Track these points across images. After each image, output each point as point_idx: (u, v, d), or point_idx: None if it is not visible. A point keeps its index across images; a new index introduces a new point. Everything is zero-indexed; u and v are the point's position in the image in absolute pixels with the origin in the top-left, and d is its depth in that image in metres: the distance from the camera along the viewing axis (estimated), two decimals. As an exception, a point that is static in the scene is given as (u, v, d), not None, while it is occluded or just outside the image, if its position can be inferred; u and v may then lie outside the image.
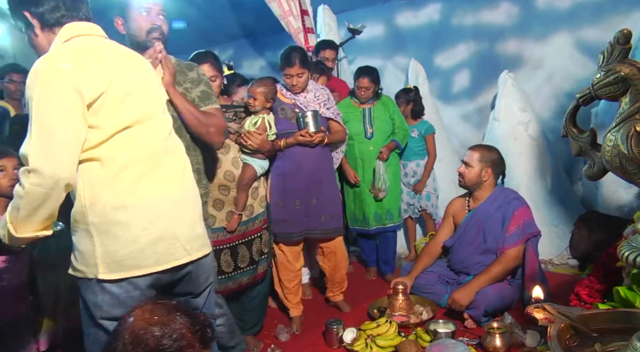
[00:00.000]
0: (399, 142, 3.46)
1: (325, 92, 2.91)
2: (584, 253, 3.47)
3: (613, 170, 1.19)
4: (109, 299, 1.46)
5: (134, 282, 1.47)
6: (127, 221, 1.44)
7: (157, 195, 1.50)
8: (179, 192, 1.57)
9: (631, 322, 1.38)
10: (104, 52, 1.50)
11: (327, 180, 2.89)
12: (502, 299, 2.67)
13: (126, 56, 1.58)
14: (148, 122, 1.53)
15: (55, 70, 1.34)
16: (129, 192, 1.45)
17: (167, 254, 1.51)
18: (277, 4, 3.90)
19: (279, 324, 2.85)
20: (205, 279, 1.69)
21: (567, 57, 4.02)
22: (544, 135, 3.97)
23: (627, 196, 3.55)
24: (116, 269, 1.45)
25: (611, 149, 1.15)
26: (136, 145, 1.48)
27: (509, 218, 2.76)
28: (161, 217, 1.50)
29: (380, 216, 3.43)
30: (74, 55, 1.41)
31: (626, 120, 1.13)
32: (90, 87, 1.38)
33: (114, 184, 1.43)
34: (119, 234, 1.44)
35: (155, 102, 1.60)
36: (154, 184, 1.50)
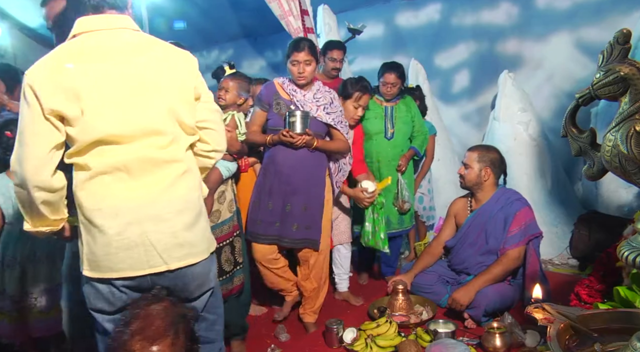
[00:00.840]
0: (417, 149, 3.42)
1: (330, 96, 2.74)
2: (584, 253, 3.47)
3: (613, 170, 1.19)
4: (94, 293, 1.52)
5: (113, 283, 1.50)
6: (102, 224, 1.45)
7: (134, 202, 1.47)
8: (162, 201, 1.50)
9: (631, 322, 1.38)
10: (84, 56, 1.43)
11: (309, 187, 2.66)
12: (502, 299, 2.67)
13: (129, 56, 1.48)
14: (131, 133, 1.45)
15: (29, 77, 1.38)
16: (103, 197, 1.46)
17: (143, 261, 1.49)
18: (277, 4, 3.90)
19: (279, 324, 2.86)
20: (197, 286, 1.62)
21: (567, 57, 4.02)
22: (544, 135, 3.98)
23: (627, 196, 3.55)
24: (95, 269, 1.49)
25: (611, 149, 1.15)
26: (113, 153, 1.45)
27: (511, 219, 2.75)
28: (136, 224, 1.47)
29: (392, 221, 3.36)
30: (56, 61, 1.40)
31: (626, 120, 1.13)
32: (56, 101, 1.38)
33: (90, 187, 1.46)
34: (96, 236, 1.47)
35: (154, 109, 1.49)
36: (131, 191, 1.47)
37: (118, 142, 1.45)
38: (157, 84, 1.50)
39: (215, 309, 1.75)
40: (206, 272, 1.64)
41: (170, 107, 1.51)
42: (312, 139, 2.57)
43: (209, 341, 1.75)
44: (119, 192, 1.46)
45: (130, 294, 1.52)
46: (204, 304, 1.68)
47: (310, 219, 2.68)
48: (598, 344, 1.26)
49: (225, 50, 6.32)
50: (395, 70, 3.26)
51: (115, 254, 1.47)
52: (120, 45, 1.48)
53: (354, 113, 2.96)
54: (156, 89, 1.50)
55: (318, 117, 2.64)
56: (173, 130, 1.53)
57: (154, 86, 1.49)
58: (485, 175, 2.83)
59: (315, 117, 2.63)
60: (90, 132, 1.41)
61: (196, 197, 1.61)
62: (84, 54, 1.44)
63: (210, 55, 6.52)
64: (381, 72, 3.28)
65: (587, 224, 3.52)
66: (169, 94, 1.52)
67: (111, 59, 1.45)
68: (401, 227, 3.42)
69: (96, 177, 1.45)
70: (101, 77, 1.42)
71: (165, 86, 1.51)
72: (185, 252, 1.55)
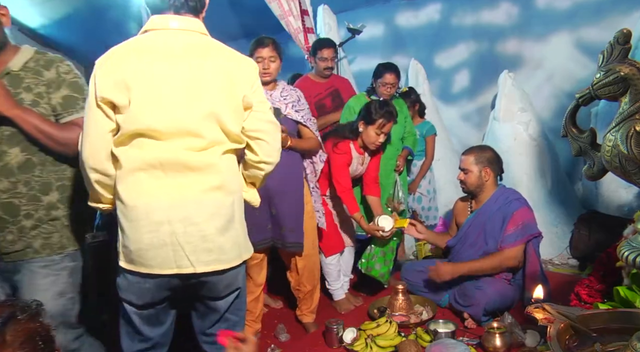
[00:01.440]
0: (410, 148, 3.43)
1: (296, 94, 2.64)
2: (584, 253, 3.47)
3: (613, 170, 1.19)
4: (126, 284, 1.57)
5: (144, 276, 1.53)
6: (136, 220, 1.49)
7: (166, 201, 1.50)
8: (193, 203, 1.51)
9: (631, 322, 1.38)
10: (145, 52, 1.50)
11: (287, 188, 2.58)
12: (502, 298, 2.67)
13: (187, 57, 1.51)
14: (169, 130, 1.49)
15: (95, 66, 1.49)
16: (139, 193, 1.50)
17: (171, 261, 1.52)
18: (277, 4, 3.90)
19: (279, 324, 2.86)
20: (225, 287, 1.63)
21: (567, 57, 4.02)
22: (544, 135, 3.98)
23: (627, 196, 3.55)
24: (129, 261, 1.54)
25: (611, 149, 1.15)
26: (151, 148, 1.49)
27: (509, 218, 2.75)
28: (167, 223, 1.49)
29: None
30: (117, 53, 1.50)
31: (626, 120, 1.13)
32: (111, 90, 1.45)
33: (127, 182, 1.50)
34: (130, 232, 1.51)
35: (195, 111, 1.50)
36: (164, 190, 1.50)
37: (157, 138, 1.49)
38: (206, 88, 1.52)
39: (239, 311, 1.75)
40: (235, 274, 1.64)
41: (213, 111, 1.52)
42: (285, 138, 2.43)
43: None
44: (153, 190, 1.50)
45: (160, 289, 1.57)
46: (229, 304, 1.69)
47: (293, 221, 2.60)
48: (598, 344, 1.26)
49: (225, 50, 6.33)
50: (394, 71, 3.27)
51: (146, 250, 1.50)
52: (182, 45, 1.53)
53: (375, 139, 2.91)
54: (203, 92, 1.52)
55: (288, 115, 2.56)
56: (212, 135, 1.53)
57: (202, 89, 1.52)
58: (486, 175, 2.83)
59: (285, 115, 2.55)
60: (133, 122, 1.47)
61: (229, 202, 1.59)
62: (145, 49, 1.51)
63: (210, 55, 6.51)
64: (380, 73, 3.27)
65: (587, 224, 3.52)
66: (215, 98, 1.53)
67: (168, 58, 1.51)
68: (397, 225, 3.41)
69: (134, 173, 1.50)
70: (153, 73, 1.48)
71: (214, 91, 1.53)
72: (214, 257, 1.55)
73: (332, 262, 3.03)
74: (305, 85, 3.57)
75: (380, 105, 2.90)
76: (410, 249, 4.11)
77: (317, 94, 3.54)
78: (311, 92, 3.51)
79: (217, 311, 1.68)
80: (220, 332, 1.49)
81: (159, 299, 1.60)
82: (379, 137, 2.90)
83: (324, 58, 3.49)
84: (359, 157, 3.03)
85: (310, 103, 3.49)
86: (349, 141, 2.98)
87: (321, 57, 3.50)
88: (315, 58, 3.54)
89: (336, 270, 3.06)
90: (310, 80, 3.60)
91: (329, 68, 3.55)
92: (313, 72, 3.65)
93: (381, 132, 2.89)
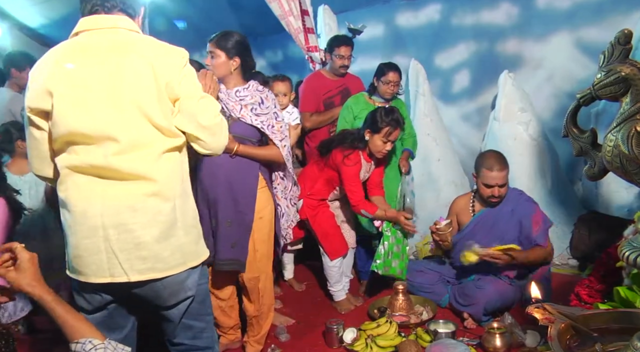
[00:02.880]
0: (411, 150, 3.42)
1: (261, 96, 2.37)
2: (584, 253, 3.47)
3: (614, 171, 1.19)
4: (76, 292, 1.59)
5: (81, 284, 1.52)
6: (72, 225, 1.48)
7: (100, 207, 1.45)
8: (128, 210, 1.46)
9: (631, 322, 1.38)
10: (66, 55, 1.47)
11: (233, 199, 2.34)
12: (502, 298, 2.67)
13: (110, 55, 1.45)
14: (96, 134, 1.43)
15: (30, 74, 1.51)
16: (77, 199, 1.48)
17: (104, 268, 1.47)
18: (277, 4, 3.90)
19: (279, 324, 2.86)
20: (170, 295, 1.56)
21: (567, 57, 4.02)
22: (544, 135, 3.97)
23: (627, 196, 3.55)
24: (71, 269, 1.55)
25: (612, 149, 1.15)
26: (82, 154, 1.46)
27: (530, 222, 2.76)
28: (101, 229, 1.45)
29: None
30: (41, 60, 1.50)
31: (627, 120, 1.13)
32: (35, 99, 1.46)
33: (65, 187, 1.49)
34: (68, 237, 1.51)
35: (117, 111, 1.43)
36: (101, 196, 1.46)
37: (87, 142, 1.44)
38: (129, 83, 1.44)
39: (202, 316, 1.70)
40: (179, 282, 1.56)
41: (138, 105, 1.44)
42: (231, 143, 2.18)
43: (199, 349, 1.71)
44: (90, 194, 1.46)
45: (105, 296, 1.55)
46: (182, 312, 1.63)
47: (235, 236, 2.35)
48: (599, 344, 1.26)
49: (225, 50, 6.32)
50: (397, 70, 3.27)
51: (83, 257, 1.48)
52: (107, 44, 1.47)
53: (382, 148, 2.89)
54: (126, 88, 1.44)
55: (242, 118, 2.32)
56: (142, 134, 1.46)
57: (124, 85, 1.44)
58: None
59: (239, 117, 2.33)
60: (58, 127, 1.44)
61: (169, 208, 1.50)
62: (67, 53, 1.47)
63: (210, 55, 6.51)
64: (383, 72, 3.25)
65: (587, 224, 3.52)
66: (138, 92, 1.44)
67: (90, 58, 1.45)
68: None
69: (71, 177, 1.47)
70: (74, 75, 1.43)
71: (136, 84, 1.44)
72: (149, 265, 1.48)
73: (336, 264, 3.03)
74: (315, 81, 3.58)
75: (385, 113, 2.86)
76: (411, 249, 4.10)
77: (327, 91, 3.53)
78: (321, 89, 3.51)
79: (171, 320, 1.63)
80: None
81: (106, 302, 1.57)
82: (385, 145, 2.88)
83: (341, 55, 3.47)
84: (366, 165, 3.04)
85: (319, 99, 3.48)
86: (358, 151, 2.94)
87: (339, 55, 3.47)
88: (331, 55, 3.50)
89: (339, 272, 3.06)
90: (323, 77, 3.59)
91: (345, 66, 3.53)
92: (326, 68, 3.64)
93: (387, 140, 2.87)
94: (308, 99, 3.50)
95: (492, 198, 2.79)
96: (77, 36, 1.51)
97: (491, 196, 2.78)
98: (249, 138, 2.35)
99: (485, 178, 2.75)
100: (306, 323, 2.96)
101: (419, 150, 4.17)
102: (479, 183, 2.83)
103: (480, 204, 2.93)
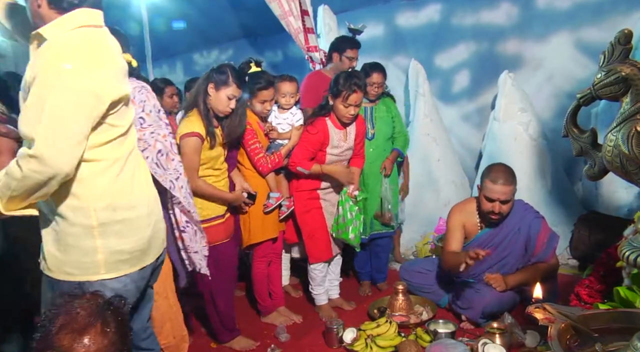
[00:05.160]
0: (400, 150, 3.36)
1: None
2: (584, 253, 3.46)
3: (614, 171, 1.19)
4: (109, 294, 1.45)
5: (131, 276, 1.53)
6: (135, 218, 1.51)
7: (146, 192, 1.61)
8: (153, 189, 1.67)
9: (631, 322, 1.38)
10: (112, 50, 1.50)
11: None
12: (500, 303, 2.66)
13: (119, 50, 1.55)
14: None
15: (78, 71, 1.33)
16: (129, 191, 1.51)
17: (159, 246, 1.64)
18: (277, 4, 3.90)
19: (279, 324, 2.86)
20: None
21: (567, 57, 4.01)
22: (544, 135, 3.97)
23: (627, 196, 3.55)
24: (122, 267, 1.50)
25: (612, 149, 1.15)
26: (126, 145, 1.54)
27: (535, 241, 2.67)
28: (154, 213, 1.60)
29: (375, 222, 3.29)
30: (94, 55, 1.40)
31: (627, 120, 1.13)
32: (110, 94, 1.41)
33: (117, 184, 1.48)
34: (126, 233, 1.50)
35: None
36: (142, 183, 1.59)
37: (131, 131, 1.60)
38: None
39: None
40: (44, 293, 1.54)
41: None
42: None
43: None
44: (136, 185, 1.60)
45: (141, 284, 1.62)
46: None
47: None
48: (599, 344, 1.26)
49: (225, 50, 6.31)
50: (380, 70, 3.25)
51: (146, 243, 1.58)
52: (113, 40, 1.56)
53: (345, 112, 2.81)
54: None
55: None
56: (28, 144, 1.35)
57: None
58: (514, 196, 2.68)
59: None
60: (129, 116, 1.57)
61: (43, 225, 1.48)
62: (109, 48, 1.53)
63: (210, 55, 6.51)
64: (367, 73, 3.21)
65: (587, 224, 3.52)
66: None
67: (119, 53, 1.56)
68: (384, 229, 3.34)
69: (120, 173, 1.55)
70: (125, 67, 1.55)
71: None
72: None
73: (317, 267, 2.96)
74: (316, 78, 3.59)
75: (345, 77, 2.81)
76: (410, 249, 4.11)
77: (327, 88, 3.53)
78: (322, 85, 3.50)
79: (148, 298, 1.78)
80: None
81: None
82: (348, 109, 2.80)
83: (351, 57, 3.47)
84: (338, 132, 2.91)
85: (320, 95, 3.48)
86: (323, 118, 2.89)
87: (349, 57, 3.47)
88: (340, 55, 3.49)
89: (320, 276, 2.99)
90: (323, 75, 3.60)
91: (353, 67, 3.49)
92: (327, 68, 3.63)
93: (348, 104, 2.79)
94: (310, 95, 3.49)
95: (492, 215, 2.62)
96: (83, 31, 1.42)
97: (491, 212, 2.62)
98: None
99: (488, 190, 2.59)
100: (306, 323, 2.95)
101: (419, 150, 4.18)
102: (480, 196, 2.67)
103: (486, 220, 2.78)
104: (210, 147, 2.44)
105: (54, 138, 1.30)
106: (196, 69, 6.59)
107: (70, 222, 1.42)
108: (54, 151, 1.29)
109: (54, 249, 1.45)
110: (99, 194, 1.43)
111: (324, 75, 3.60)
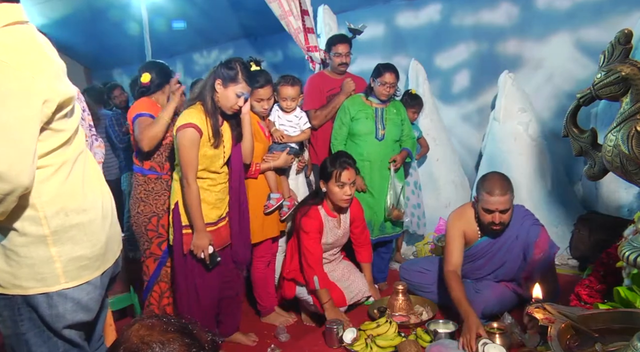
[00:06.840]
0: (409, 150, 3.39)
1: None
2: (584, 253, 3.47)
3: (614, 171, 1.19)
4: (72, 306, 1.40)
5: (94, 283, 1.45)
6: (88, 221, 1.41)
7: (99, 193, 1.50)
8: (106, 189, 1.58)
9: (631, 322, 1.38)
10: (46, 47, 1.35)
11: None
12: (500, 303, 2.66)
13: (52, 48, 1.39)
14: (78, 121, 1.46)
15: (18, 70, 1.19)
16: (80, 194, 1.40)
17: (115, 249, 1.57)
18: (277, 4, 3.90)
19: (279, 324, 2.86)
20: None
21: (567, 57, 4.02)
22: (544, 135, 3.98)
23: (627, 196, 3.55)
24: (83, 273, 1.41)
25: (612, 149, 1.15)
26: (73, 147, 1.41)
27: (532, 249, 2.62)
28: (108, 214, 1.52)
29: (386, 225, 3.32)
30: (31, 55, 1.25)
31: (627, 120, 1.13)
32: (58, 95, 1.28)
33: (66, 188, 1.36)
34: (82, 237, 1.40)
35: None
36: (94, 184, 1.49)
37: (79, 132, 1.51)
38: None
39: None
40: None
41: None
42: None
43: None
44: (88, 186, 1.49)
45: (102, 290, 1.54)
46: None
47: None
48: (599, 344, 1.26)
49: (225, 50, 6.31)
50: (393, 70, 3.24)
51: (104, 247, 1.51)
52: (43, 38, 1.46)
53: (341, 194, 2.76)
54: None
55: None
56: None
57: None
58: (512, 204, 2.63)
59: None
60: (74, 119, 1.45)
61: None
62: (47, 46, 1.41)
63: (210, 55, 6.51)
64: (380, 73, 3.21)
65: (587, 225, 3.52)
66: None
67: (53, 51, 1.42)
68: (394, 231, 3.38)
69: (69, 176, 1.44)
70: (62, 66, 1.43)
71: None
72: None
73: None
74: (318, 79, 3.61)
75: (331, 159, 2.82)
76: (410, 249, 4.11)
77: (330, 89, 3.53)
78: (325, 86, 3.52)
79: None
80: None
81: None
82: (343, 189, 2.75)
83: (338, 53, 3.47)
84: (331, 220, 2.89)
85: (322, 96, 3.49)
86: (316, 207, 2.84)
87: (336, 53, 3.48)
88: (329, 54, 3.53)
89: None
90: (326, 76, 3.61)
91: (343, 64, 3.52)
92: (328, 68, 3.66)
93: (342, 183, 2.74)
94: (312, 97, 3.50)
95: (493, 226, 2.57)
96: (17, 28, 1.26)
97: (492, 223, 2.56)
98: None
99: (485, 202, 2.54)
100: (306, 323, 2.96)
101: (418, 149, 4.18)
102: (478, 208, 2.62)
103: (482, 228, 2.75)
104: (212, 145, 2.34)
105: (6, 151, 1.17)
106: (196, 69, 6.60)
107: (19, 233, 1.31)
108: (6, 166, 1.17)
109: (3, 264, 1.33)
110: (48, 200, 1.32)
111: (326, 76, 3.61)
